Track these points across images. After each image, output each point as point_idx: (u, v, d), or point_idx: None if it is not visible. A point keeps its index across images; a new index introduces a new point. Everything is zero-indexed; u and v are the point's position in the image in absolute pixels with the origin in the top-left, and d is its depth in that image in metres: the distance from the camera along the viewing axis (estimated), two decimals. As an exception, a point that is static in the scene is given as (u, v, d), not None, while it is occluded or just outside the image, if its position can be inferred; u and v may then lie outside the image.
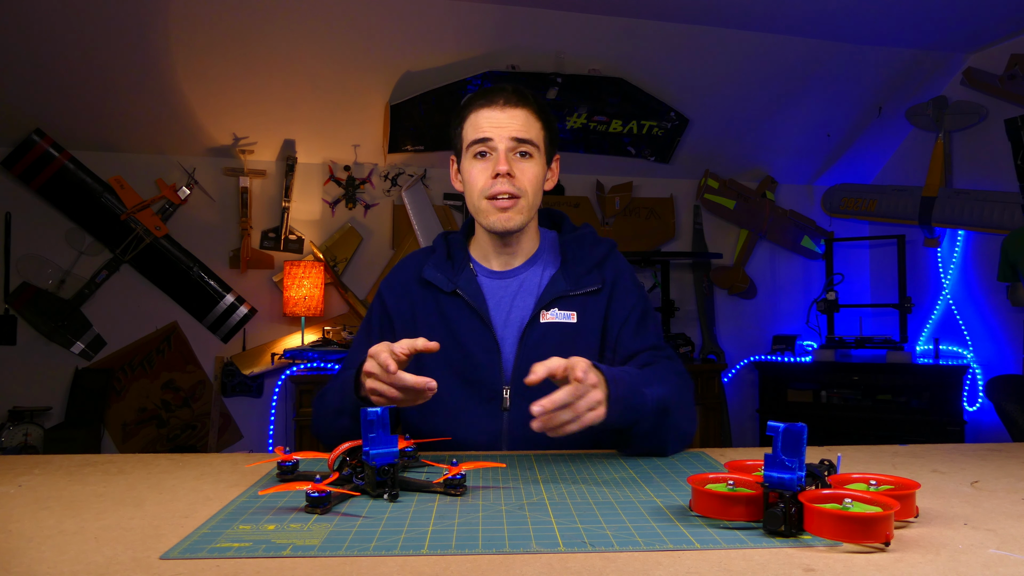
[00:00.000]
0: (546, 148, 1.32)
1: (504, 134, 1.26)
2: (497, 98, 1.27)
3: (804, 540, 0.71)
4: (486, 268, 1.36)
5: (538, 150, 1.29)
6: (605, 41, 3.47)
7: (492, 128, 1.26)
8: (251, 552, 0.69)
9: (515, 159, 1.27)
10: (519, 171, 1.27)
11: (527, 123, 1.27)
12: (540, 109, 1.31)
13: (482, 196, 1.27)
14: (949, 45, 3.69)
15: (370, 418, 0.88)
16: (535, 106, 1.30)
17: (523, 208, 1.28)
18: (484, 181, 1.27)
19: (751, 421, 4.34)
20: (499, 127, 1.26)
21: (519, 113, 1.27)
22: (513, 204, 1.26)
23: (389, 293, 1.38)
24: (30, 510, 0.84)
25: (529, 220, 1.30)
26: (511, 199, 1.26)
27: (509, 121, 1.26)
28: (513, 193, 1.26)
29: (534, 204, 1.30)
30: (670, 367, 1.26)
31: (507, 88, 1.29)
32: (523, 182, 1.27)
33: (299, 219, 3.88)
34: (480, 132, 1.27)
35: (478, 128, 1.27)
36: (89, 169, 3.60)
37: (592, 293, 1.32)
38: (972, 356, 3.84)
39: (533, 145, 1.28)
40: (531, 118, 1.28)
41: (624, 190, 4.18)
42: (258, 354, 3.78)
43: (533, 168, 1.28)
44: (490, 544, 0.71)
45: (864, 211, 4.20)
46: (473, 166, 1.29)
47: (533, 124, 1.28)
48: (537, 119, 1.29)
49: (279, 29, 3.19)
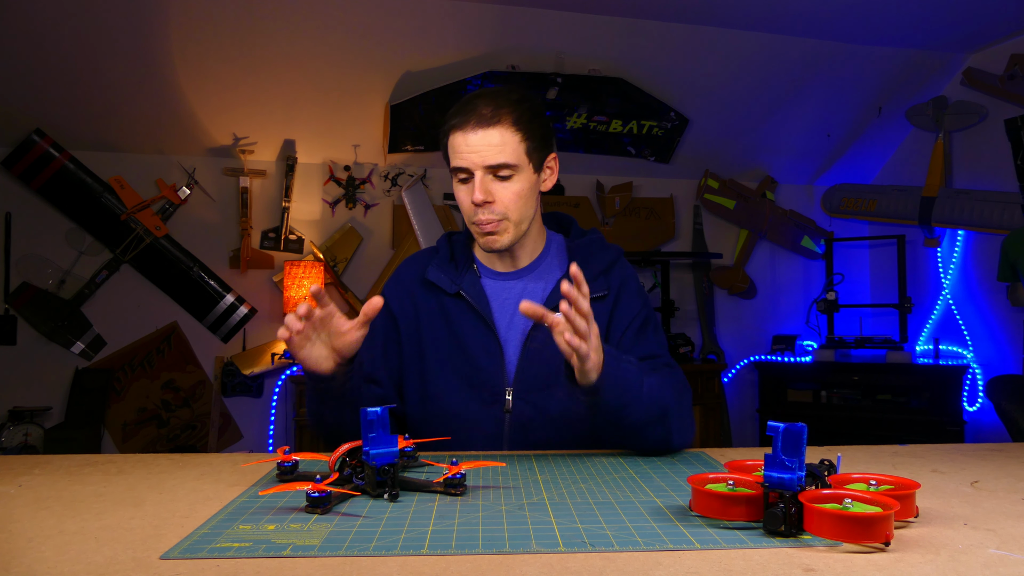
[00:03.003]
0: (532, 156, 1.26)
1: (478, 161, 1.21)
2: (471, 117, 1.22)
3: (804, 540, 0.71)
4: (490, 269, 1.36)
5: (517, 168, 1.24)
6: (605, 41, 3.47)
7: (468, 154, 1.22)
8: (251, 552, 0.69)
9: (494, 181, 1.23)
10: (499, 192, 1.23)
11: (502, 144, 1.21)
12: (519, 119, 1.23)
13: (469, 221, 1.27)
14: (949, 45, 3.69)
15: (370, 418, 0.88)
16: (513, 116, 1.22)
17: (508, 228, 1.26)
18: (467, 206, 1.25)
19: (751, 421, 4.34)
20: (474, 152, 1.21)
21: (493, 133, 1.21)
22: (497, 227, 1.25)
23: (393, 295, 1.37)
24: (30, 510, 0.84)
25: (519, 235, 1.28)
26: (494, 223, 1.24)
27: (483, 146, 1.21)
28: (495, 218, 1.24)
29: (523, 218, 1.27)
30: (669, 374, 1.25)
31: (482, 101, 1.23)
32: (504, 204, 1.24)
33: (299, 219, 3.88)
34: (457, 159, 1.23)
35: (456, 154, 1.24)
36: (89, 169, 3.60)
37: (598, 299, 1.32)
38: (972, 356, 3.84)
39: (510, 167, 1.23)
40: (507, 134, 1.21)
41: (624, 190, 4.18)
42: (258, 354, 3.78)
43: (514, 186, 1.24)
44: (490, 544, 0.71)
45: (864, 211, 4.20)
46: (458, 189, 1.27)
47: (510, 141, 1.22)
48: (516, 131, 1.22)
49: (279, 29, 3.19)
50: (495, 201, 1.23)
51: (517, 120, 1.23)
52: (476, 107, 1.22)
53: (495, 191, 1.23)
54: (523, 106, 1.25)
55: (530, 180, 1.26)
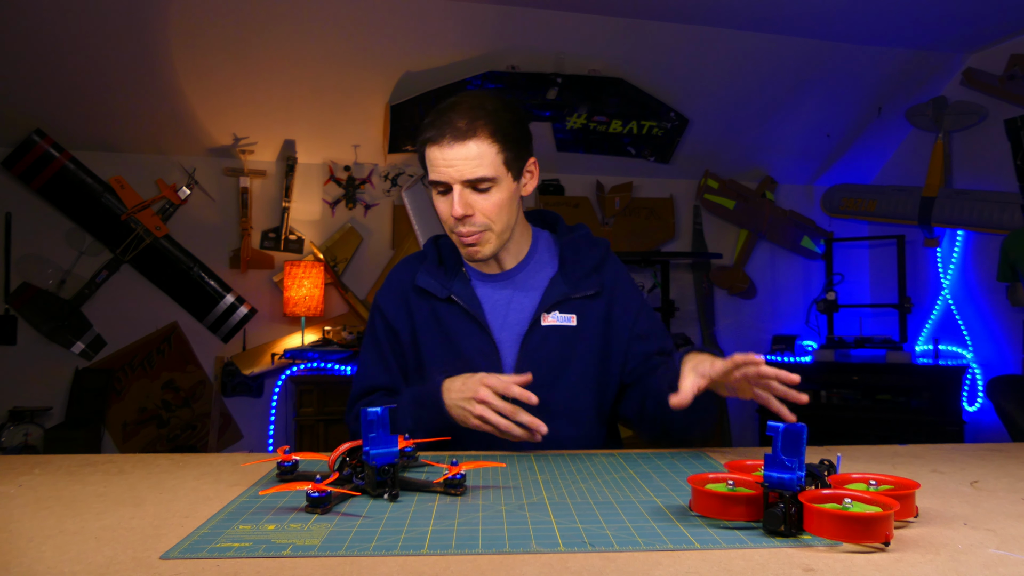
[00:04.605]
0: (511, 165, 1.24)
1: (455, 176, 1.21)
2: (445, 131, 1.20)
3: (804, 540, 0.71)
4: (479, 272, 1.36)
5: (496, 180, 1.23)
6: (605, 41, 3.47)
7: (445, 168, 1.21)
8: (251, 552, 0.69)
9: (473, 194, 1.23)
10: (479, 204, 1.23)
11: (479, 157, 1.20)
12: (495, 130, 1.21)
13: (450, 231, 1.28)
14: (949, 45, 3.69)
15: (370, 418, 0.89)
16: (489, 128, 1.21)
17: (491, 238, 1.26)
18: (447, 219, 1.25)
19: (751, 421, 4.34)
20: (451, 166, 1.21)
21: (470, 146, 1.20)
22: (479, 238, 1.25)
23: (387, 303, 1.38)
24: (30, 510, 0.84)
25: (502, 244, 1.29)
26: (476, 234, 1.25)
27: (460, 160, 1.20)
28: (475, 230, 1.24)
29: (505, 227, 1.27)
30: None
31: (456, 114, 1.21)
32: (485, 214, 1.24)
33: (299, 219, 3.88)
34: (435, 173, 1.23)
35: (434, 167, 1.23)
36: (89, 169, 3.60)
37: (590, 297, 1.32)
38: (972, 356, 3.84)
39: (488, 180, 1.22)
40: (484, 145, 1.20)
41: (624, 190, 4.18)
42: (258, 354, 3.78)
43: (493, 197, 1.23)
44: (490, 544, 0.71)
45: (864, 211, 4.20)
46: (438, 201, 1.26)
47: (487, 153, 1.20)
48: (492, 143, 1.21)
49: (279, 29, 3.19)
50: (475, 213, 1.23)
51: (494, 132, 1.21)
52: (451, 120, 1.21)
53: (474, 203, 1.23)
54: (499, 116, 1.23)
55: (509, 189, 1.25)
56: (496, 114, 1.23)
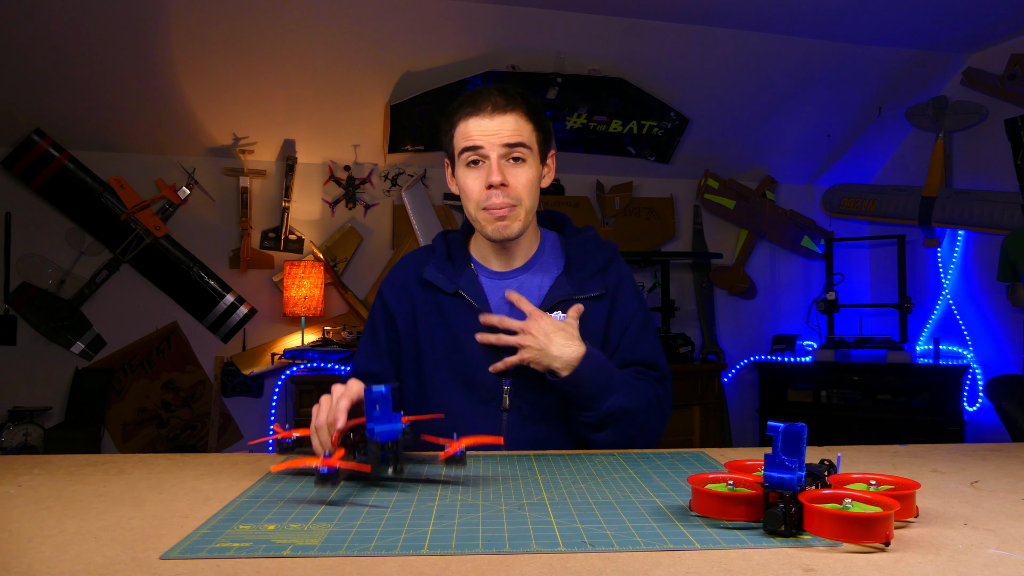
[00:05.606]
0: (539, 147, 1.28)
1: (495, 141, 1.22)
2: (485, 105, 1.23)
3: (804, 540, 0.71)
4: (486, 268, 1.36)
5: (531, 152, 1.26)
6: (605, 41, 3.47)
7: (482, 136, 1.23)
8: (251, 552, 0.69)
9: (508, 165, 1.24)
10: (513, 178, 1.24)
11: (517, 126, 1.24)
12: (530, 108, 1.27)
13: (479, 207, 1.25)
14: (949, 45, 3.69)
15: (375, 396, 0.90)
16: (524, 106, 1.26)
17: (520, 215, 1.26)
18: (479, 192, 1.24)
19: (751, 421, 4.34)
20: (489, 135, 1.23)
21: (508, 118, 1.23)
22: (510, 212, 1.25)
23: (390, 293, 1.38)
24: (30, 510, 0.84)
25: (526, 226, 1.28)
26: (508, 208, 1.24)
27: (499, 128, 1.23)
28: (509, 203, 1.24)
29: (531, 208, 1.28)
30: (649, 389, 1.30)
31: (494, 92, 1.25)
32: (518, 189, 1.24)
33: (299, 219, 3.88)
34: (470, 140, 1.24)
35: (468, 137, 1.24)
36: (89, 169, 3.60)
37: (594, 299, 1.32)
38: (972, 356, 3.84)
39: (526, 147, 1.24)
40: (521, 120, 1.24)
41: (624, 190, 4.18)
42: (258, 354, 3.78)
43: (527, 172, 1.25)
44: (490, 544, 0.71)
45: (864, 211, 4.20)
46: (467, 175, 1.26)
47: (524, 126, 1.25)
48: (528, 120, 1.25)
49: (279, 29, 3.19)
50: (509, 185, 1.24)
51: (529, 109, 1.27)
52: (489, 95, 1.25)
53: (509, 175, 1.24)
54: (532, 101, 1.30)
55: (538, 170, 1.29)
56: (528, 99, 1.29)
